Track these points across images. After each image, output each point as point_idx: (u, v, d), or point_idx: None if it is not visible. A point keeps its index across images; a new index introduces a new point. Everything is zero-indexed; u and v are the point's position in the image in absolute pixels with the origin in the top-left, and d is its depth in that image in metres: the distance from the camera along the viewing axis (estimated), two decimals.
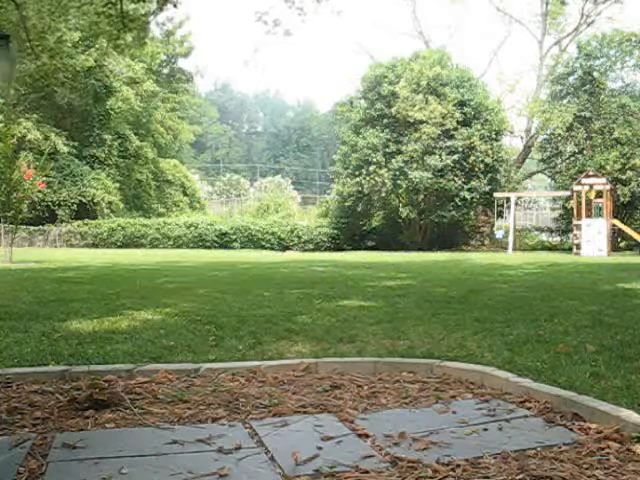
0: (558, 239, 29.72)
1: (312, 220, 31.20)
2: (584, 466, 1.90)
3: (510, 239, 24.52)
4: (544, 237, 31.03)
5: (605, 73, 27.49)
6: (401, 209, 26.10)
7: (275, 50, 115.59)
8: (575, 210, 22.79)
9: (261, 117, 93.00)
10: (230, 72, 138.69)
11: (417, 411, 2.51)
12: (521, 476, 1.81)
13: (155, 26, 35.52)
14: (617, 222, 23.16)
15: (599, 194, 22.28)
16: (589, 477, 1.82)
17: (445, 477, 1.82)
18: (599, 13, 32.41)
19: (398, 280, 8.78)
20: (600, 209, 22.16)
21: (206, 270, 11.24)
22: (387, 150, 25.54)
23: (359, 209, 26.78)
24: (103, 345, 3.81)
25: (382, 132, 25.84)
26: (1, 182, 13.55)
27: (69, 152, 28.95)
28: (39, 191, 19.30)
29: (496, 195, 25.09)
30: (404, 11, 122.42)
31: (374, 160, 25.45)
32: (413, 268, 11.96)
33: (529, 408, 2.52)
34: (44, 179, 18.18)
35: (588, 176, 22.69)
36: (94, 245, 27.45)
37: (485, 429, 2.27)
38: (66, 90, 28.09)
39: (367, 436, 2.19)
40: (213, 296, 6.46)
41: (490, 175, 25.63)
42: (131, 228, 27.86)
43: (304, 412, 2.46)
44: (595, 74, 26.94)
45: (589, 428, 2.25)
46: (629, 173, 24.56)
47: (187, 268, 12.02)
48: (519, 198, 27.64)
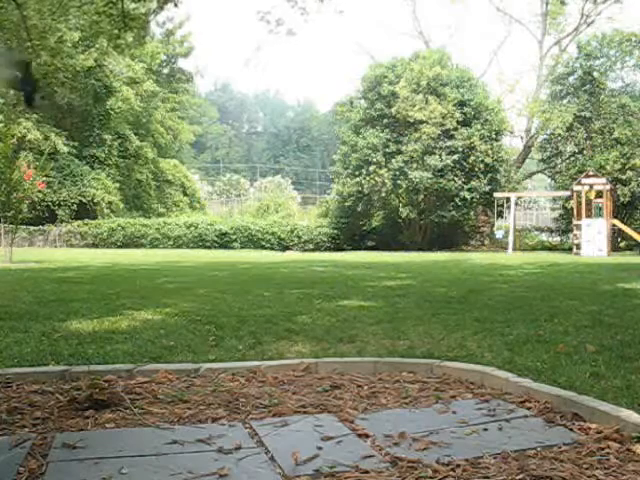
0: (558, 239, 29.72)
1: (312, 220, 31.19)
2: (584, 466, 1.90)
3: (510, 239, 24.52)
4: (544, 237, 31.02)
5: (605, 73, 27.49)
6: (401, 209, 26.09)
7: (275, 50, 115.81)
8: (575, 210, 22.78)
9: (261, 117, 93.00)
10: (230, 72, 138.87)
11: (417, 411, 2.51)
12: (521, 476, 1.81)
13: (155, 26, 35.52)
14: (617, 222, 23.16)
15: (599, 194, 22.28)
16: (589, 477, 1.82)
17: (445, 477, 1.82)
18: (599, 13, 32.44)
19: (398, 280, 8.78)
20: (600, 209, 22.16)
21: (206, 270, 11.24)
22: (387, 150, 25.54)
23: (359, 209, 26.78)
24: (103, 345, 3.80)
25: (382, 132, 25.84)
26: (1, 182, 13.54)
27: (69, 152, 28.96)
28: (39, 191, 19.28)
29: (496, 195, 25.08)
30: (404, 11, 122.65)
31: (374, 160, 25.45)
32: (413, 268, 11.96)
33: (529, 408, 2.52)
34: (44, 179, 18.18)
35: (588, 176, 22.68)
36: (94, 245, 27.45)
37: (485, 429, 2.26)
38: (66, 90, 28.07)
39: (367, 436, 2.19)
40: (213, 296, 6.46)
41: (490, 175, 25.63)
42: (131, 228, 27.86)
43: (304, 412, 2.46)
44: (595, 74, 26.94)
45: (589, 428, 2.24)
46: (629, 173, 24.56)
47: (187, 268, 12.02)
48: (519, 198, 27.63)
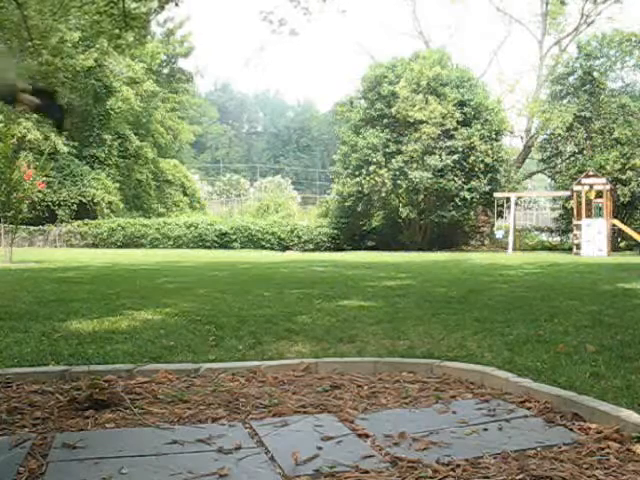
0: (558, 239, 29.72)
1: (312, 220, 31.19)
2: (584, 466, 1.90)
3: (510, 239, 24.52)
4: (544, 237, 31.02)
5: (605, 73, 27.50)
6: (401, 209, 26.09)
7: (275, 50, 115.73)
8: (575, 210, 22.78)
9: (261, 117, 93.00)
10: (230, 72, 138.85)
11: (417, 411, 2.51)
12: (521, 476, 1.81)
13: (156, 25, 35.53)
14: (617, 222, 23.16)
15: (599, 194, 22.28)
16: (589, 477, 1.82)
17: (445, 477, 1.82)
18: (599, 13, 32.45)
19: (398, 280, 8.78)
20: (600, 209, 22.16)
21: (206, 270, 11.24)
22: (387, 150, 25.54)
23: (359, 209, 26.78)
24: (103, 345, 3.80)
25: (382, 132, 25.84)
26: (1, 182, 13.53)
27: (69, 152, 28.96)
28: (39, 191, 19.30)
29: (496, 195, 25.08)
30: (404, 11, 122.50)
31: (374, 160, 25.45)
32: (413, 268, 11.96)
33: (529, 408, 2.51)
34: (44, 179, 18.17)
35: (588, 176, 22.69)
36: (94, 245, 27.45)
37: (485, 429, 2.26)
38: (66, 90, 28.06)
39: (367, 436, 2.19)
40: (213, 296, 6.46)
41: (490, 175, 25.63)
42: (131, 228, 27.86)
43: (304, 412, 2.46)
44: (595, 74, 26.95)
45: (589, 428, 2.24)
46: (629, 173, 24.56)
47: (187, 268, 12.02)
48: (519, 198, 27.63)
